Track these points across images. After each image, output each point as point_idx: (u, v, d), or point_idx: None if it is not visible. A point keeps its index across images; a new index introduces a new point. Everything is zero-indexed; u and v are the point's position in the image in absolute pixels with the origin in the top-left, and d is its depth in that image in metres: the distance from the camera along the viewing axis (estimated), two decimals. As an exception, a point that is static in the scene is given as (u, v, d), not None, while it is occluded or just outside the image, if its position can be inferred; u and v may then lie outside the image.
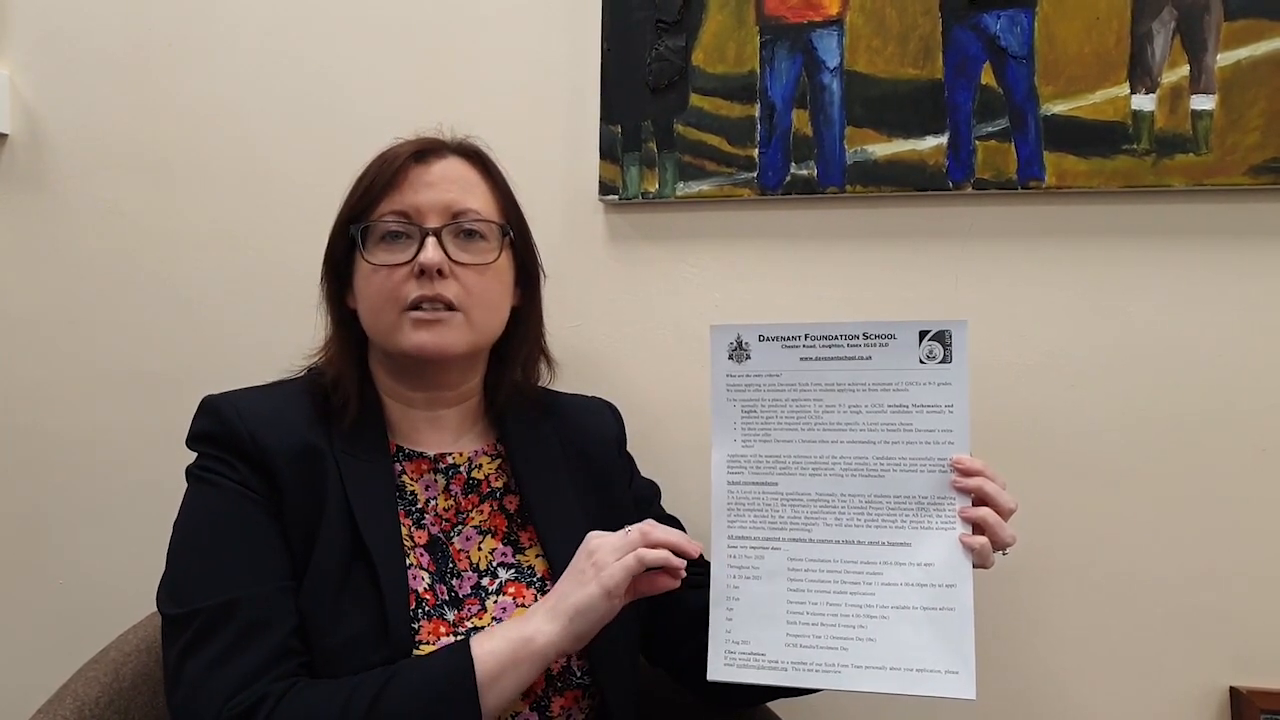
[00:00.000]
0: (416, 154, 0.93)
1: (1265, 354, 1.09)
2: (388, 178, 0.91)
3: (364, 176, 0.94)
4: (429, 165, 0.93)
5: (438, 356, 0.91)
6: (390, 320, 0.90)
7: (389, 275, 0.90)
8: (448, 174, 0.93)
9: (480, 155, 0.97)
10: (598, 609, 0.80)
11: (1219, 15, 1.06)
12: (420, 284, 0.89)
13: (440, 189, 0.92)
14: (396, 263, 0.90)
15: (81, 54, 1.38)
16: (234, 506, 0.85)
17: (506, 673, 0.79)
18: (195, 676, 0.78)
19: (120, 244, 1.38)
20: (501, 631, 0.82)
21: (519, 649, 0.80)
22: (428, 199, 0.91)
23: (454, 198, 0.92)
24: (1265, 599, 1.09)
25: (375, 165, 0.94)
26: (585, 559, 0.83)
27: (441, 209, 0.91)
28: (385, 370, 0.96)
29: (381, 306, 0.91)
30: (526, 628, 0.81)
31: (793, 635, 0.83)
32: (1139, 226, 1.11)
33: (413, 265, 0.89)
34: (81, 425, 1.39)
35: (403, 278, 0.89)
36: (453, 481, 0.95)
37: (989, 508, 0.82)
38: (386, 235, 0.91)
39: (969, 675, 0.78)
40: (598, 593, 0.80)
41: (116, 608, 1.16)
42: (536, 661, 0.80)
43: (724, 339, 0.89)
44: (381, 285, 0.90)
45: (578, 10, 1.24)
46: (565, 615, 0.80)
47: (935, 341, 0.84)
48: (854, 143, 1.15)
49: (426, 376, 0.95)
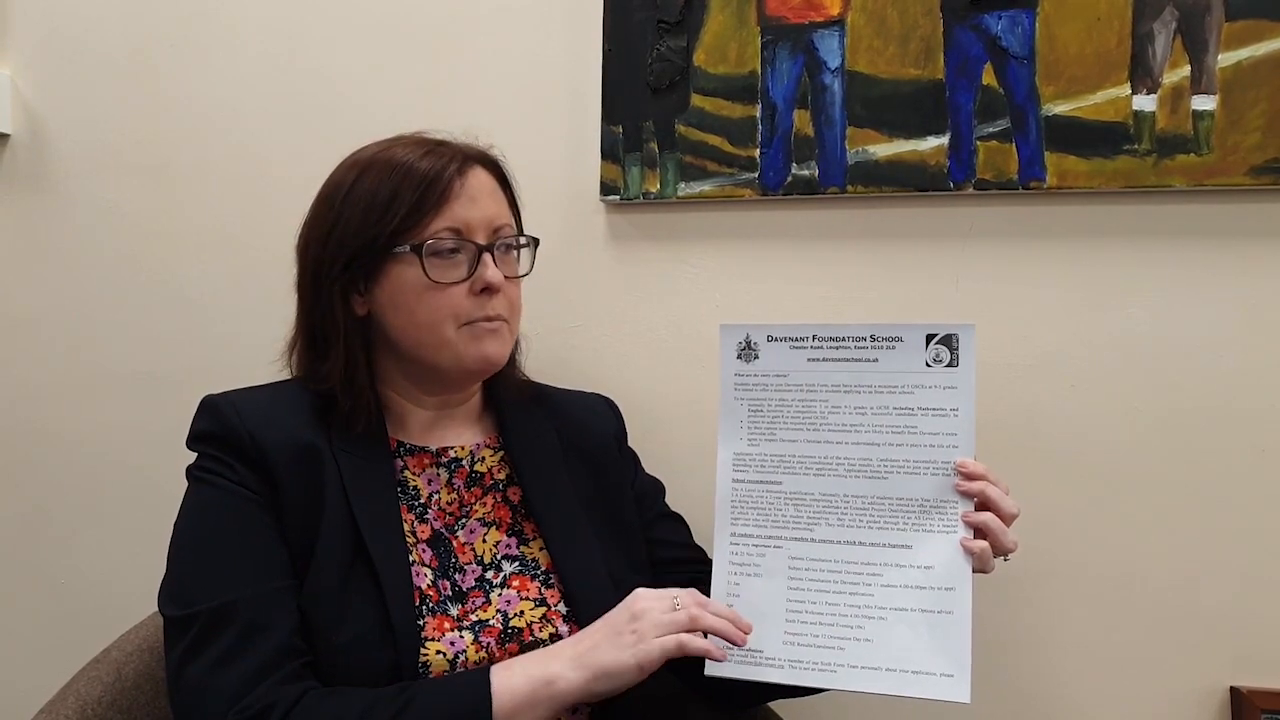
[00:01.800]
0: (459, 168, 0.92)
1: (1265, 354, 1.09)
2: (439, 193, 0.90)
3: (403, 189, 0.89)
4: (466, 178, 0.92)
5: (496, 368, 0.94)
6: (447, 335, 0.91)
7: (445, 291, 0.90)
8: (483, 187, 0.93)
9: (500, 165, 0.98)
10: (625, 678, 0.79)
11: (1220, 16, 1.06)
12: (480, 302, 0.91)
13: (481, 204, 0.92)
14: (454, 280, 0.90)
15: (82, 55, 1.38)
16: (233, 506, 0.86)
17: (522, 712, 0.78)
18: (197, 679, 0.78)
19: (121, 244, 1.38)
20: (522, 667, 0.80)
21: (539, 690, 0.78)
22: (474, 215, 0.91)
23: (494, 213, 0.93)
24: (1265, 599, 1.09)
25: (415, 179, 0.90)
26: (627, 620, 0.80)
27: (485, 224, 0.92)
28: (403, 375, 0.96)
29: (439, 322, 0.90)
30: (550, 668, 0.79)
31: (791, 634, 0.83)
32: (1140, 227, 1.11)
33: (473, 282, 0.90)
34: (82, 425, 1.40)
35: (461, 294, 0.90)
36: (455, 475, 0.96)
37: (991, 512, 0.82)
38: (442, 252, 0.90)
39: (964, 679, 0.79)
40: (630, 664, 0.78)
41: (118, 607, 1.16)
42: (554, 705, 0.79)
43: (733, 338, 0.89)
44: (437, 301, 0.90)
45: (579, 10, 1.24)
46: (591, 671, 0.79)
47: (942, 345, 0.84)
48: (855, 143, 1.15)
49: (454, 384, 0.96)
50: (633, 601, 0.82)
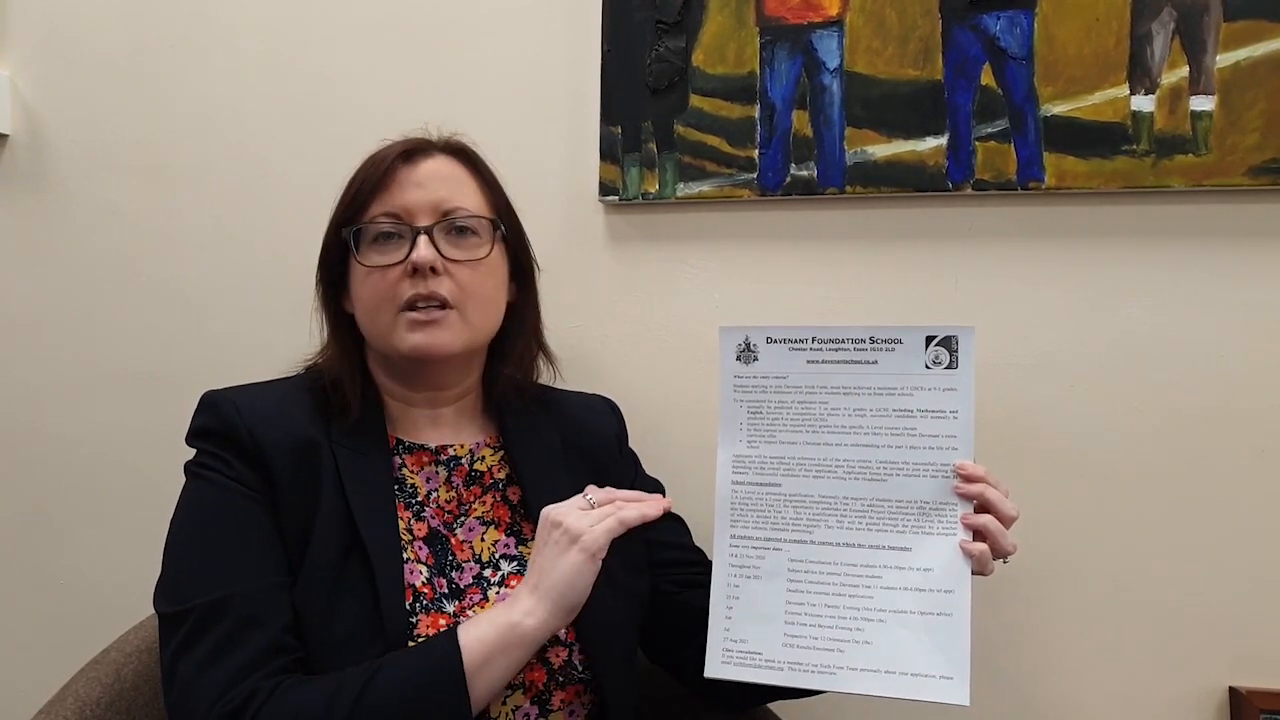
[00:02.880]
0: (404, 154, 0.93)
1: (1264, 355, 1.09)
2: (376, 179, 0.92)
3: (353, 180, 0.94)
4: (417, 165, 0.93)
5: (435, 356, 0.91)
6: (386, 322, 0.91)
7: (383, 276, 0.90)
8: (436, 173, 0.93)
9: (467, 152, 0.97)
10: (583, 575, 0.80)
11: (1218, 16, 1.06)
12: (414, 283, 0.89)
13: (429, 188, 0.92)
14: (389, 263, 0.90)
15: (82, 55, 1.38)
16: (229, 503, 0.86)
17: (495, 658, 0.79)
18: (188, 675, 0.78)
19: (120, 244, 1.38)
20: (488, 617, 0.81)
21: (507, 634, 0.80)
22: (417, 198, 0.91)
23: (443, 196, 0.92)
24: (1265, 599, 1.09)
25: (364, 168, 0.94)
26: (552, 530, 0.83)
27: (431, 208, 0.91)
28: (384, 370, 0.96)
29: (377, 308, 0.91)
30: (513, 612, 0.81)
31: (790, 635, 0.83)
32: (1138, 227, 1.11)
33: (406, 265, 0.89)
34: (82, 425, 1.40)
35: (396, 278, 0.90)
36: (454, 473, 0.95)
37: (991, 515, 0.82)
38: (379, 236, 0.91)
39: (963, 681, 0.79)
40: (580, 559, 0.80)
41: (118, 608, 1.17)
42: (527, 645, 0.80)
43: (732, 340, 0.89)
44: (376, 286, 0.91)
45: (578, 11, 1.24)
46: (552, 596, 0.80)
47: (942, 347, 0.84)
48: (854, 143, 1.15)
49: (425, 376, 0.95)
50: (545, 516, 0.85)
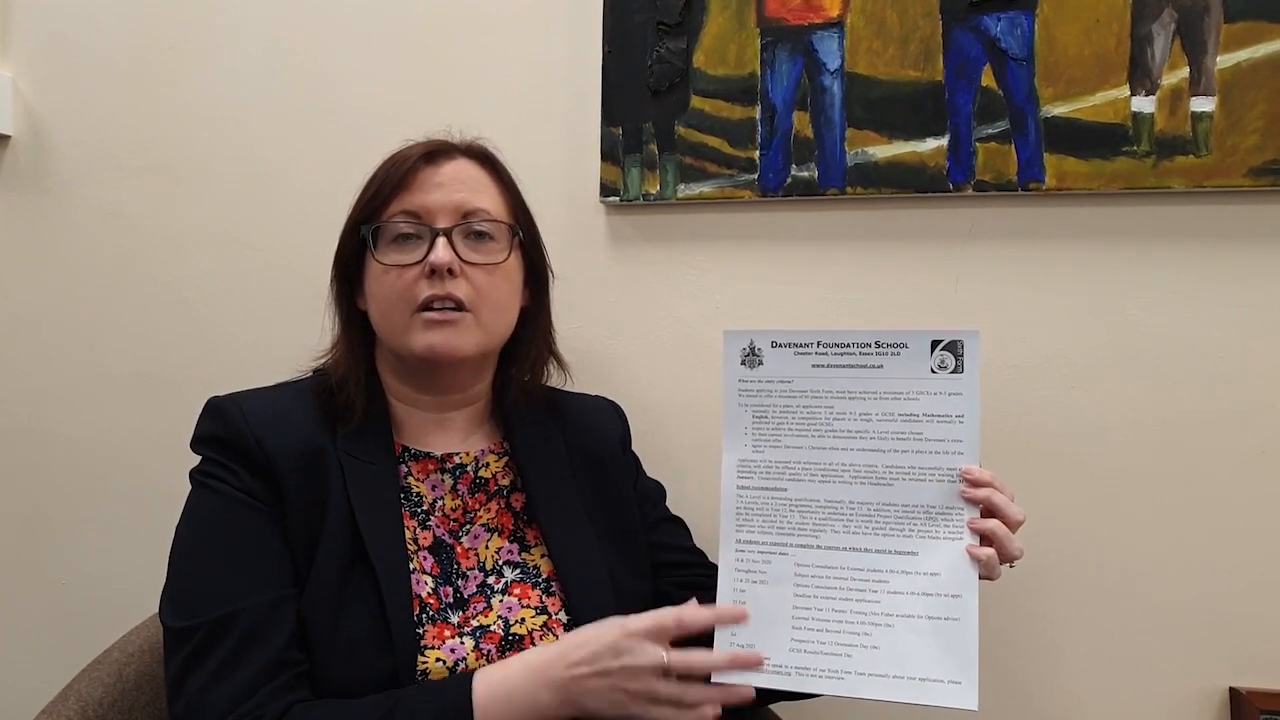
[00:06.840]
0: (426, 155, 0.93)
1: (1264, 355, 1.09)
2: (398, 179, 0.92)
3: (374, 178, 0.94)
4: (439, 166, 0.93)
5: (448, 358, 0.91)
6: (401, 321, 0.91)
7: (400, 275, 0.90)
8: (458, 175, 0.93)
9: (489, 156, 0.98)
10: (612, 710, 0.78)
11: (1219, 17, 1.06)
12: (431, 283, 0.89)
13: (450, 190, 0.92)
14: (407, 263, 0.90)
15: (84, 56, 1.38)
16: (235, 515, 0.85)
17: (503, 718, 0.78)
18: (194, 691, 0.78)
19: (122, 245, 1.38)
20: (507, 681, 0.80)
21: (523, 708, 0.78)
22: (437, 199, 0.91)
23: (464, 198, 0.92)
24: (1265, 599, 1.09)
25: (385, 167, 0.94)
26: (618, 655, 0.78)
27: (451, 209, 0.92)
28: (393, 372, 0.96)
29: (392, 307, 0.91)
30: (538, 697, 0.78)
31: (797, 640, 0.83)
32: (1139, 228, 1.12)
33: (423, 265, 0.89)
34: (83, 426, 1.40)
35: (414, 278, 0.90)
36: (460, 481, 0.95)
37: (997, 519, 0.82)
38: (397, 236, 0.91)
39: (971, 686, 0.78)
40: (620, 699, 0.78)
41: (119, 608, 1.17)
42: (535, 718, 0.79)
43: (737, 344, 0.88)
44: (392, 285, 0.91)
45: (579, 13, 1.24)
46: (575, 708, 0.78)
47: (947, 351, 0.83)
48: (854, 145, 1.15)
49: (436, 378, 0.95)
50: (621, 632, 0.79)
